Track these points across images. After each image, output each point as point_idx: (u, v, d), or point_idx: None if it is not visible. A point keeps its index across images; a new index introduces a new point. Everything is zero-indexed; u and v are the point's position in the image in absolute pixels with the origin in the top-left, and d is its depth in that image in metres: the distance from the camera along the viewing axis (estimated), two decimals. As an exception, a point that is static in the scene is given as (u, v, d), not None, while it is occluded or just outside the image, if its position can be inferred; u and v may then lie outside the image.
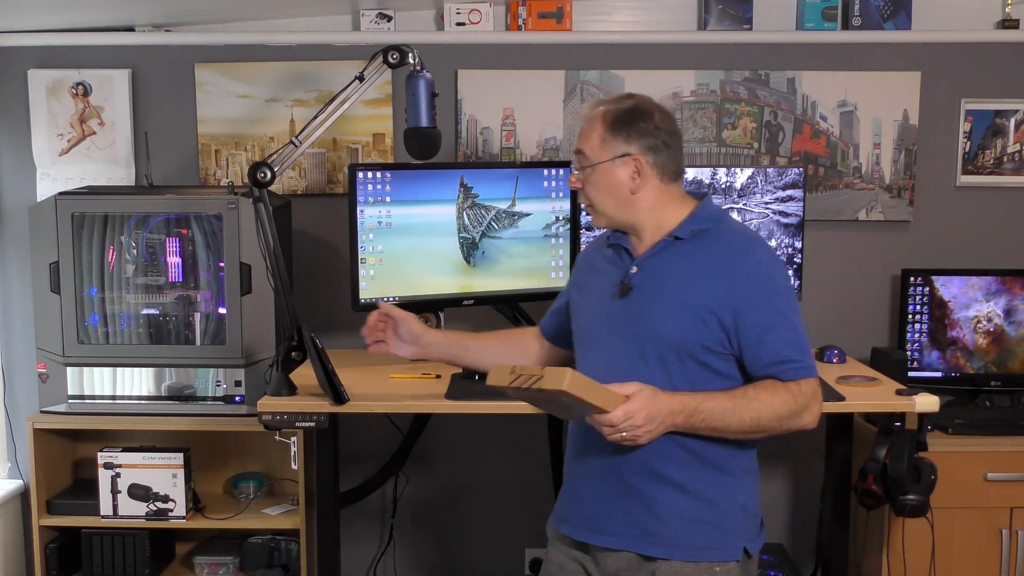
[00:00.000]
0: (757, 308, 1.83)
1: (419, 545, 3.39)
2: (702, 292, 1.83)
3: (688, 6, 3.21)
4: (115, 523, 2.90)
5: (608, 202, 1.91)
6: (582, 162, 1.92)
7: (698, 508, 1.84)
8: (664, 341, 1.83)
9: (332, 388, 2.33)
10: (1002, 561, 2.85)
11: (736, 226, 1.96)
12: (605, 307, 1.93)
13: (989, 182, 3.24)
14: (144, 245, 2.93)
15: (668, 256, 1.89)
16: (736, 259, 1.85)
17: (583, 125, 1.93)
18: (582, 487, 1.93)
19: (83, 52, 3.18)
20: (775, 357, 1.83)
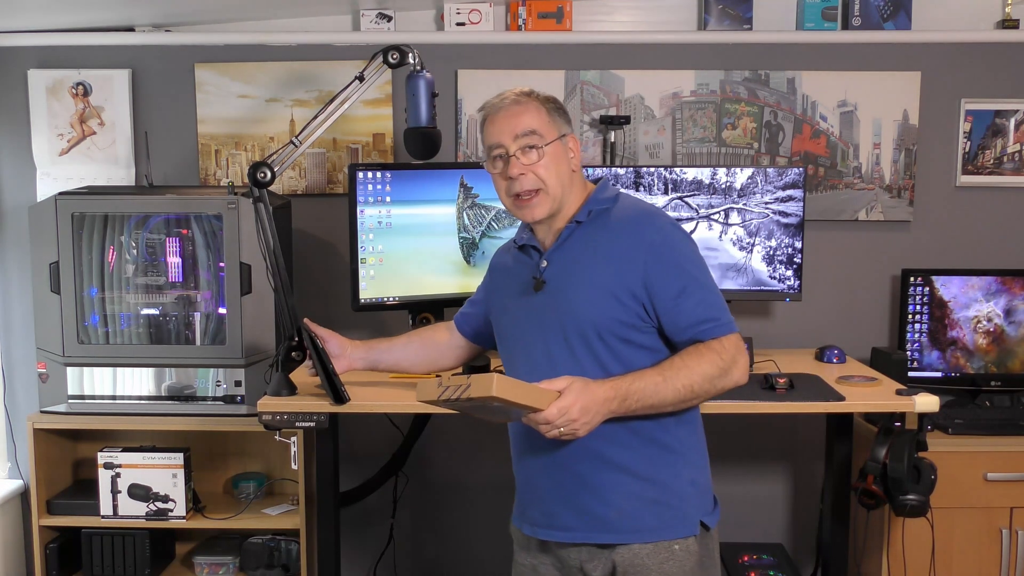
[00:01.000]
0: (665, 275, 1.84)
1: (419, 545, 3.39)
2: (610, 270, 1.86)
3: (688, 6, 3.21)
4: (115, 523, 2.90)
5: (559, 182, 1.91)
6: (533, 142, 1.89)
7: (646, 488, 1.85)
8: (583, 325, 1.85)
9: (332, 388, 2.31)
10: (1002, 561, 2.85)
11: (632, 202, 1.98)
12: (521, 304, 1.95)
13: (989, 182, 3.24)
14: (144, 245, 2.93)
15: (572, 243, 1.92)
16: (635, 231, 1.87)
17: (512, 108, 1.91)
18: (535, 484, 1.94)
19: (83, 52, 3.18)
20: (691, 319, 1.84)
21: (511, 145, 1.89)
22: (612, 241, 1.88)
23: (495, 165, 1.94)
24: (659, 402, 1.79)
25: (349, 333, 3.22)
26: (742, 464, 3.31)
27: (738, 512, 3.21)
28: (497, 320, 2.06)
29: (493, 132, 1.93)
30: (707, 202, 2.93)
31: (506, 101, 1.93)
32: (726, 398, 2.47)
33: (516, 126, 1.90)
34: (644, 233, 1.87)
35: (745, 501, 3.29)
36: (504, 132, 1.90)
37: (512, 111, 1.91)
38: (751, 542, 3.15)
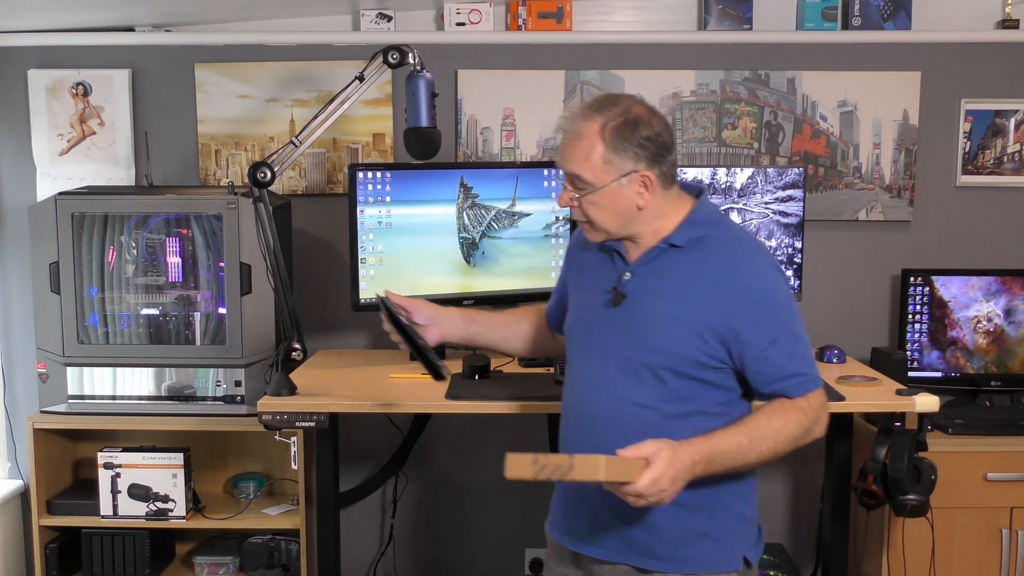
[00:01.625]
0: (759, 323, 1.75)
1: (419, 545, 3.39)
2: (699, 307, 1.75)
3: (688, 6, 3.21)
4: (115, 523, 2.90)
5: (611, 220, 1.79)
6: (579, 186, 1.77)
7: (696, 521, 1.79)
8: (658, 357, 1.77)
9: (428, 363, 2.01)
10: (1002, 561, 2.85)
11: (734, 231, 1.87)
12: (596, 312, 1.85)
13: (989, 182, 3.24)
14: (144, 245, 2.93)
15: (663, 264, 1.80)
16: (734, 271, 1.77)
17: (572, 142, 1.75)
18: (578, 499, 1.87)
19: (83, 52, 3.18)
20: (780, 372, 1.77)
21: (565, 176, 1.81)
22: (707, 276, 1.76)
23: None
24: (741, 464, 1.74)
25: (349, 333, 3.25)
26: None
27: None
28: (569, 314, 1.95)
29: (559, 153, 1.81)
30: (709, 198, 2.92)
31: (571, 127, 1.76)
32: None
33: (566, 162, 1.78)
34: (742, 275, 1.76)
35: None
36: (560, 159, 1.80)
37: (568, 144, 1.77)
38: (751, 542, 3.14)
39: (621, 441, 1.67)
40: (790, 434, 1.76)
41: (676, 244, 1.80)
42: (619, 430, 1.75)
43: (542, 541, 2.05)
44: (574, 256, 2.01)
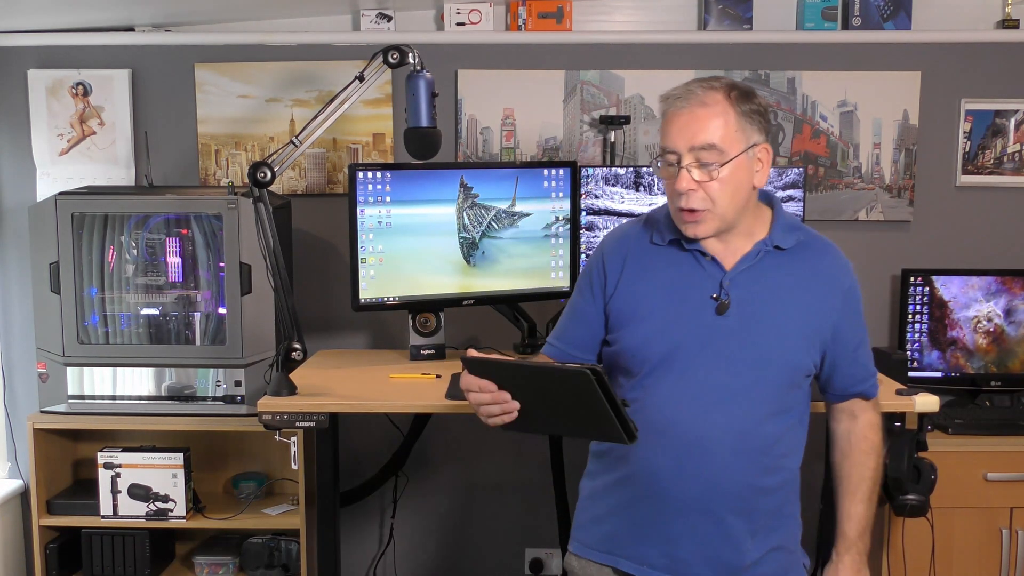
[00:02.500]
0: (852, 325, 1.79)
1: (419, 545, 3.39)
2: (812, 314, 1.73)
3: (688, 6, 3.21)
4: (115, 523, 2.90)
5: (733, 202, 1.67)
6: (710, 159, 1.63)
7: (774, 536, 1.79)
8: (780, 369, 1.71)
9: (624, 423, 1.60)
10: (1002, 561, 2.85)
11: (821, 235, 1.84)
12: (696, 324, 1.70)
13: (989, 182, 3.24)
14: (144, 245, 2.93)
15: (768, 268, 1.72)
16: (840, 275, 1.78)
17: (697, 110, 1.63)
18: (663, 524, 1.74)
19: (83, 52, 3.18)
20: (866, 372, 1.83)
21: (684, 155, 1.64)
22: (814, 279, 1.74)
23: (666, 170, 1.68)
24: None
25: (349, 333, 3.25)
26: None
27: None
28: (641, 330, 1.74)
29: (669, 133, 1.66)
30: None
31: (691, 98, 1.64)
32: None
33: (695, 135, 1.63)
34: (841, 276, 1.77)
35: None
36: (680, 137, 1.64)
37: (696, 114, 1.63)
38: (751, 542, 3.14)
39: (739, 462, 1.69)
40: (881, 458, 1.86)
41: (781, 247, 1.73)
42: (738, 450, 1.71)
43: (542, 541, 2.05)
44: (632, 264, 1.79)
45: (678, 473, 1.70)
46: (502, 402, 1.59)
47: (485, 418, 1.64)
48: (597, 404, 1.54)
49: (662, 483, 1.72)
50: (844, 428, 1.90)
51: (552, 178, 2.94)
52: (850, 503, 1.86)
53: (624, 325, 1.77)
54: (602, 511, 1.83)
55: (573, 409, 1.59)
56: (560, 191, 2.94)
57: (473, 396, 1.62)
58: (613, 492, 1.81)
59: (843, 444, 1.90)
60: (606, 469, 1.83)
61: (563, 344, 1.87)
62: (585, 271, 1.88)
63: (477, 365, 1.62)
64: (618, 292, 1.78)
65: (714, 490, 1.71)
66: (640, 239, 1.80)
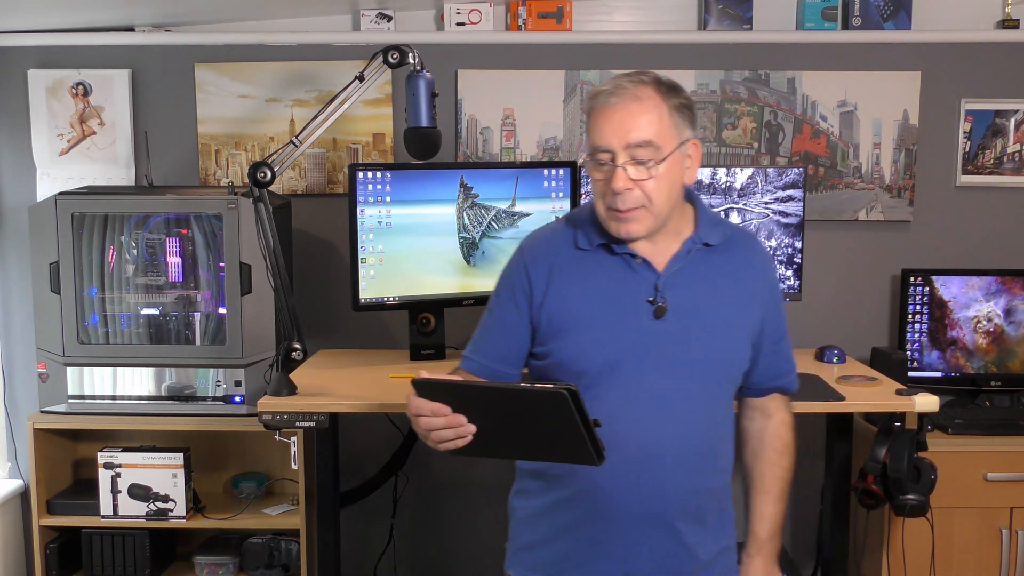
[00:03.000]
0: (777, 316, 1.77)
1: (419, 545, 3.39)
2: (741, 307, 1.71)
3: (688, 6, 3.21)
4: (115, 523, 2.90)
5: (669, 200, 1.62)
6: (646, 156, 1.58)
7: (721, 536, 1.78)
8: (724, 368, 1.70)
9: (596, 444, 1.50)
10: (1002, 561, 2.85)
11: (744, 229, 1.84)
12: (635, 330, 1.65)
13: (989, 182, 3.24)
14: (144, 245, 2.93)
15: (699, 265, 1.68)
16: (765, 268, 1.76)
17: (631, 105, 1.58)
18: (619, 541, 1.68)
19: (83, 52, 3.18)
20: (787, 365, 1.81)
21: (620, 153, 1.58)
22: (737, 272, 1.71)
23: (597, 170, 1.62)
24: None
25: (349, 333, 3.25)
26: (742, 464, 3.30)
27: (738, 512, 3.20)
28: (578, 341, 1.67)
29: (602, 131, 1.59)
30: (707, 202, 2.92)
31: (623, 94, 1.59)
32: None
33: (630, 132, 1.57)
34: (765, 269, 1.76)
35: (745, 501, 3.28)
36: (614, 135, 1.58)
37: (629, 110, 1.58)
38: (751, 542, 3.14)
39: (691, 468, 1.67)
40: (793, 458, 1.85)
41: (710, 243, 1.70)
42: (690, 455, 1.68)
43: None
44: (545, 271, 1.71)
45: (632, 486, 1.64)
46: (456, 426, 1.49)
47: (435, 444, 1.52)
48: (571, 426, 1.44)
49: (615, 498, 1.66)
50: (757, 426, 1.85)
51: (552, 178, 2.94)
52: (763, 503, 1.82)
53: (557, 336, 1.68)
54: (548, 532, 1.75)
55: (540, 431, 1.49)
56: (560, 191, 2.94)
57: (424, 421, 1.50)
58: (559, 512, 1.72)
59: (755, 443, 1.85)
60: (548, 488, 1.74)
61: (485, 359, 1.75)
62: (505, 279, 1.76)
63: (430, 388, 1.50)
64: (547, 301, 1.69)
65: (668, 499, 1.67)
66: (564, 244, 1.72)
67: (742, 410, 1.87)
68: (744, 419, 1.87)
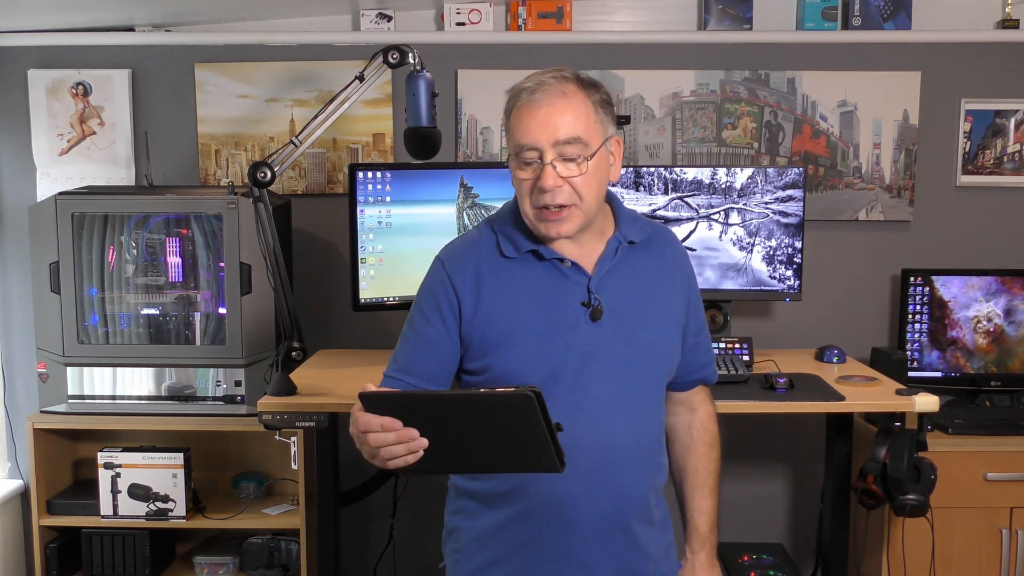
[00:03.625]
0: (696, 309, 1.78)
1: (419, 545, 3.39)
2: (668, 301, 1.70)
3: (688, 6, 3.21)
4: (115, 523, 2.90)
5: (598, 197, 1.60)
6: (575, 152, 1.55)
7: (665, 532, 1.78)
8: (658, 364, 1.69)
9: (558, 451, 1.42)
10: (1002, 561, 2.84)
11: (655, 222, 1.80)
12: (573, 336, 1.61)
13: (989, 182, 3.24)
14: (144, 245, 2.93)
15: (625, 264, 1.66)
16: (680, 260, 1.75)
17: (558, 101, 1.54)
18: (579, 549, 1.64)
19: (83, 52, 3.18)
20: (705, 358, 1.82)
21: (547, 151, 1.54)
22: (661, 267, 1.70)
23: (523, 169, 1.57)
24: None
25: (349, 333, 3.25)
26: (742, 464, 3.31)
27: (738, 512, 3.21)
28: (516, 351, 1.62)
29: (527, 129, 1.55)
30: (707, 202, 2.93)
31: (548, 90, 1.55)
32: (726, 398, 2.48)
33: (557, 129, 1.54)
34: (683, 262, 1.75)
35: (745, 501, 3.29)
36: (541, 133, 1.54)
37: (555, 106, 1.54)
38: (751, 542, 3.15)
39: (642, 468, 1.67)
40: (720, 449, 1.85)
41: (634, 240, 1.67)
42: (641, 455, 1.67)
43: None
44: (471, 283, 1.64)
45: (591, 492, 1.61)
46: (408, 440, 1.38)
47: (384, 461, 1.41)
48: (535, 430, 1.36)
49: (576, 507, 1.62)
50: (684, 421, 1.83)
51: (552, 178, 2.93)
52: (700, 498, 1.80)
53: (493, 350, 1.62)
54: (500, 552, 1.68)
55: (500, 439, 1.39)
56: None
57: (373, 437, 1.40)
58: (511, 529, 1.66)
59: (684, 438, 1.82)
60: (494, 506, 1.68)
61: (409, 378, 1.68)
62: (427, 293, 1.68)
63: (378, 401, 1.40)
64: (478, 315, 1.63)
65: (624, 502, 1.65)
66: (489, 252, 1.66)
67: (667, 406, 1.80)
68: (670, 415, 1.82)
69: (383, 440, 1.39)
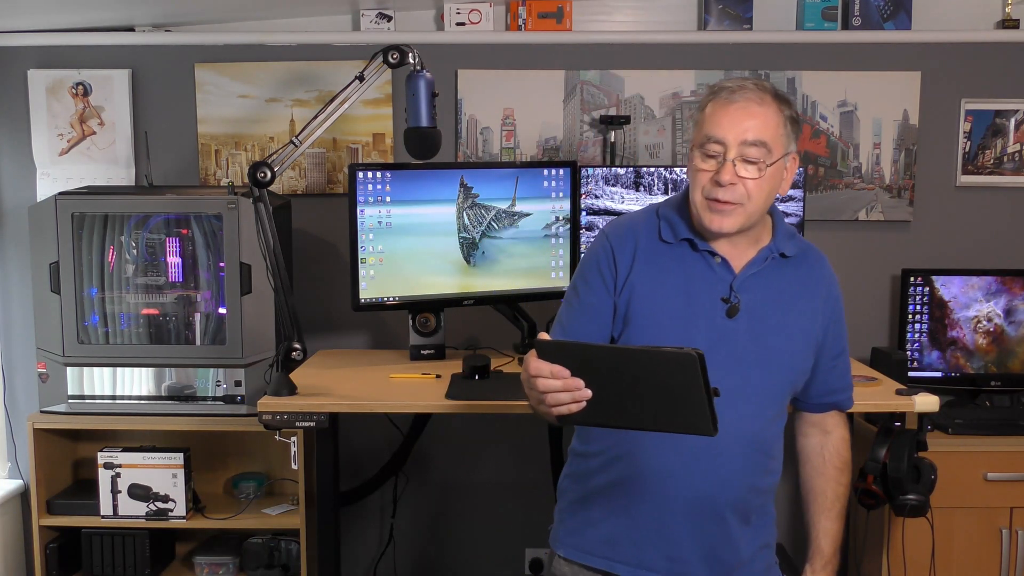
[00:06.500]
0: (837, 333, 1.84)
1: (419, 545, 3.39)
2: (807, 318, 1.77)
3: (688, 6, 3.21)
4: (115, 523, 2.90)
5: (766, 203, 1.68)
6: (758, 156, 1.63)
7: (761, 535, 1.83)
8: (783, 372, 1.75)
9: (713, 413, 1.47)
10: (1002, 561, 2.85)
11: (811, 244, 1.87)
12: (707, 326, 1.70)
13: (989, 182, 3.24)
14: (144, 245, 2.93)
15: (772, 273, 1.74)
16: (829, 284, 1.82)
17: (753, 107, 1.63)
18: (667, 525, 1.72)
19: (83, 52, 3.18)
20: (842, 383, 1.88)
21: (732, 148, 1.63)
22: (807, 286, 1.77)
23: (705, 161, 1.66)
24: None
25: (349, 333, 3.25)
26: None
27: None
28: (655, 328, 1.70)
29: (719, 123, 1.63)
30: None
31: (746, 92, 1.64)
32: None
33: (749, 129, 1.62)
34: (832, 286, 1.82)
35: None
36: (731, 129, 1.62)
37: (750, 109, 1.63)
38: (751, 542, 3.14)
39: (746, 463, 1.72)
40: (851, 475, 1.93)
41: (787, 254, 1.76)
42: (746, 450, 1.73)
43: (542, 541, 2.04)
44: (629, 257, 1.74)
45: (687, 473, 1.69)
46: (574, 389, 1.45)
47: (549, 407, 1.48)
48: (694, 391, 1.43)
49: (669, 483, 1.70)
50: (816, 443, 1.91)
51: (552, 178, 2.94)
52: (826, 520, 1.89)
53: (633, 322, 1.72)
54: (596, 514, 1.78)
55: (660, 397, 1.46)
56: (560, 191, 2.94)
57: (542, 383, 1.46)
58: (609, 494, 1.76)
59: (816, 460, 1.91)
60: (599, 470, 1.77)
61: (568, 338, 1.73)
62: (591, 262, 1.77)
63: (551, 349, 1.48)
64: (628, 287, 1.72)
65: (721, 489, 1.71)
66: (649, 234, 1.75)
67: (800, 427, 1.93)
68: (802, 436, 1.93)
69: (550, 386, 1.46)
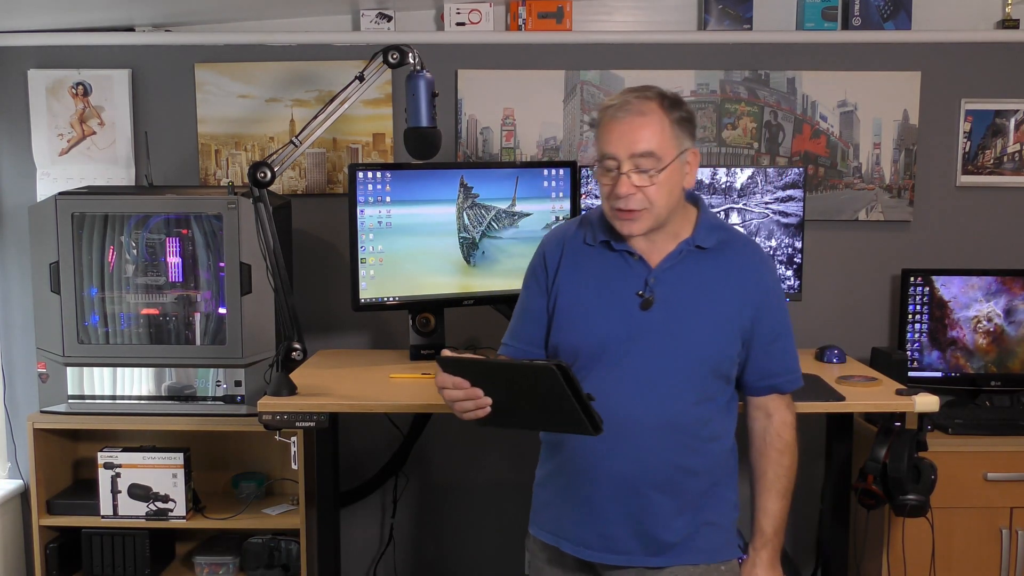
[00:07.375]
0: (771, 318, 1.88)
1: (419, 545, 3.39)
2: (728, 305, 1.84)
3: (688, 6, 3.21)
4: (115, 523, 2.90)
5: (668, 203, 1.80)
6: (648, 165, 1.75)
7: (705, 512, 1.87)
8: (702, 359, 1.82)
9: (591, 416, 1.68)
10: (1002, 561, 2.85)
11: (743, 235, 1.99)
12: (623, 319, 1.83)
13: (989, 182, 3.24)
14: (144, 245, 2.93)
15: (690, 266, 1.84)
16: (758, 272, 1.88)
17: (635, 119, 1.75)
18: (598, 506, 1.85)
19: (83, 52, 3.18)
20: (780, 366, 1.91)
21: (624, 161, 1.76)
22: (729, 274, 1.85)
23: (605, 175, 1.80)
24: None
25: (349, 333, 3.25)
26: (742, 464, 3.29)
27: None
28: (577, 326, 1.87)
29: (608, 140, 1.78)
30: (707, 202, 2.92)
31: (629, 109, 1.76)
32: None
33: (634, 143, 1.75)
34: (760, 272, 1.88)
35: (745, 501, 3.27)
36: (619, 145, 1.76)
37: (633, 123, 1.75)
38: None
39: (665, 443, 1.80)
40: (795, 454, 1.96)
41: (703, 246, 1.85)
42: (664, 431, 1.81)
43: (542, 541, 2.04)
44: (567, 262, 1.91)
45: (611, 455, 1.81)
46: (474, 398, 1.70)
47: (460, 414, 1.74)
48: (564, 398, 1.63)
49: (594, 465, 1.83)
50: (760, 426, 1.96)
51: (552, 178, 2.94)
52: (766, 500, 1.93)
53: (557, 320, 1.89)
54: (549, 496, 1.95)
55: (542, 403, 1.67)
56: (560, 191, 2.94)
57: (447, 393, 1.73)
58: (555, 478, 1.93)
59: (759, 442, 1.96)
60: (549, 457, 1.96)
61: (519, 343, 1.97)
62: (530, 269, 1.98)
63: (451, 364, 1.72)
64: (556, 288, 1.90)
65: (641, 468, 1.81)
66: (575, 238, 1.92)
67: (748, 410, 1.99)
68: (749, 419, 1.99)
69: (454, 396, 1.72)
